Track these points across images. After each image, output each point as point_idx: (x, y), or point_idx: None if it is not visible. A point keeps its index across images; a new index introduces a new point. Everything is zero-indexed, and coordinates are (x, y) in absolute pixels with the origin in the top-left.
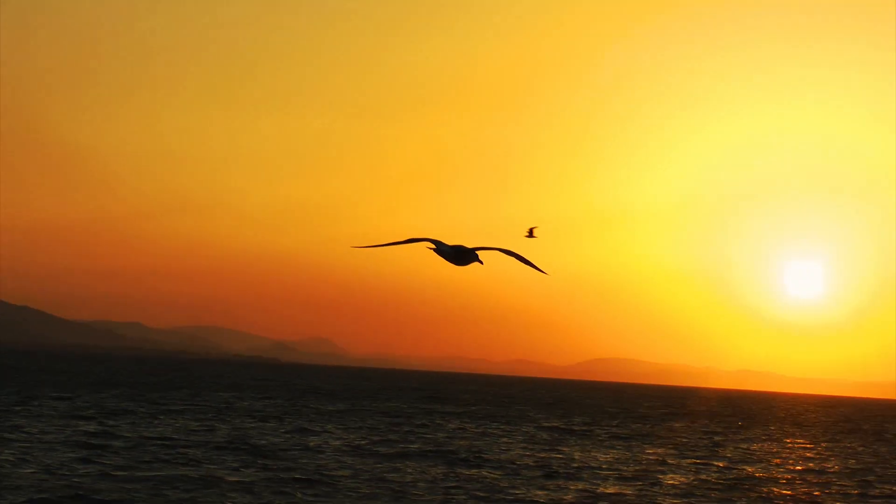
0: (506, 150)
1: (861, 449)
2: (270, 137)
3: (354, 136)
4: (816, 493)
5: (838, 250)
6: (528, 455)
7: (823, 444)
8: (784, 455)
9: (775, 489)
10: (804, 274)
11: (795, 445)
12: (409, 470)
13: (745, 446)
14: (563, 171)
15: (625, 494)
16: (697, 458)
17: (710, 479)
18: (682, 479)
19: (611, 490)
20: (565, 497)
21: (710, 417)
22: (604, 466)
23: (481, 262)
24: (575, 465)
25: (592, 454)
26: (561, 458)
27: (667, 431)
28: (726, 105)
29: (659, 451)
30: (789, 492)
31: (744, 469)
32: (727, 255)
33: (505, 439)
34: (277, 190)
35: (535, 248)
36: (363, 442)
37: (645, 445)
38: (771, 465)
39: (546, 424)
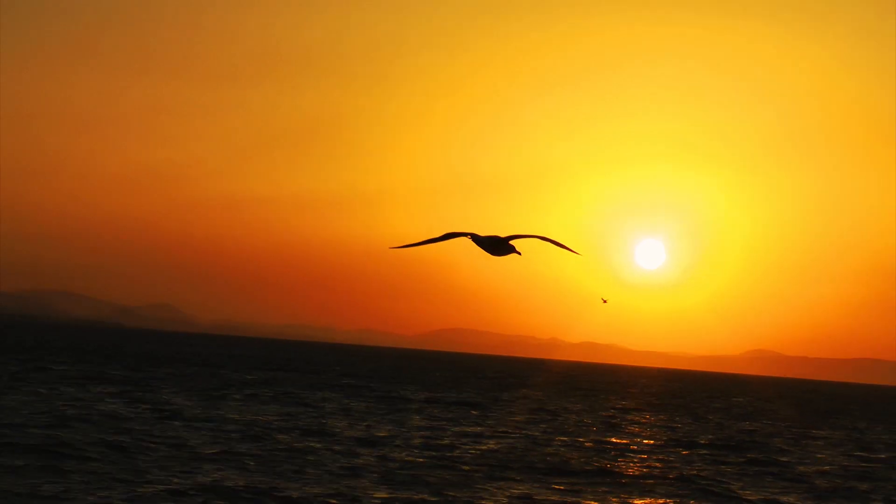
0: (356, 118)
1: (653, 420)
2: (122, 101)
3: (203, 103)
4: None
5: (685, 225)
6: (339, 425)
7: (629, 417)
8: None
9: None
10: (651, 247)
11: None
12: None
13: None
14: (413, 137)
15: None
16: (501, 428)
17: (518, 446)
18: (489, 447)
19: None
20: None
21: (543, 388)
22: (410, 434)
23: (518, 254)
24: (381, 433)
25: (398, 422)
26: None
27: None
28: (551, 76)
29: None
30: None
31: (529, 434)
32: (575, 225)
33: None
34: (127, 154)
35: (383, 214)
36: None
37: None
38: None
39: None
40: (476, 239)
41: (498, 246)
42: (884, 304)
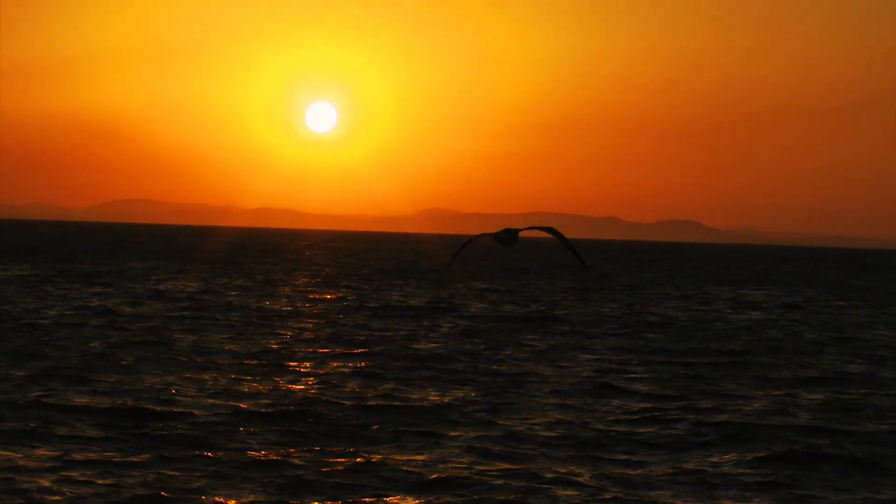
0: None
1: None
2: None
3: None
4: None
5: (354, 88)
6: None
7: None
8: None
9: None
10: (322, 110)
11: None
12: None
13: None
14: (69, 8)
15: None
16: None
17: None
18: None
19: None
20: None
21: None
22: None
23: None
24: None
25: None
26: None
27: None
28: None
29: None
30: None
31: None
32: (238, 94)
33: None
34: None
35: (45, 85)
36: None
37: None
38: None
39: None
40: (495, 237)
41: (511, 238)
42: (551, 158)
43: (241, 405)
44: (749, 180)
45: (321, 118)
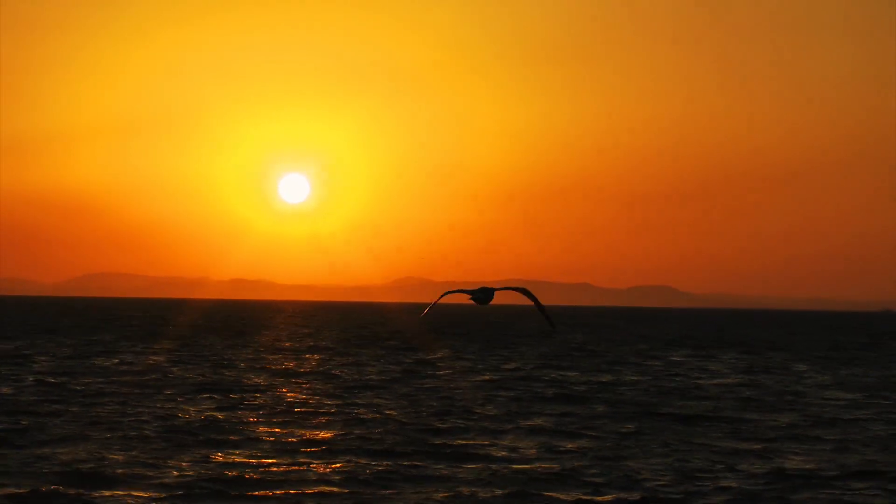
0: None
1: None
2: None
3: None
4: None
5: (327, 160)
6: None
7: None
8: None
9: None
10: (295, 182)
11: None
12: None
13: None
14: (37, 83)
15: None
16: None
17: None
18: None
19: None
20: None
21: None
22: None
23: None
24: None
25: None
26: None
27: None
28: (196, 16)
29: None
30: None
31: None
32: (211, 167)
33: None
34: None
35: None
36: None
37: None
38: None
39: None
40: (472, 295)
41: (487, 296)
42: (524, 226)
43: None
44: (724, 245)
45: (294, 189)
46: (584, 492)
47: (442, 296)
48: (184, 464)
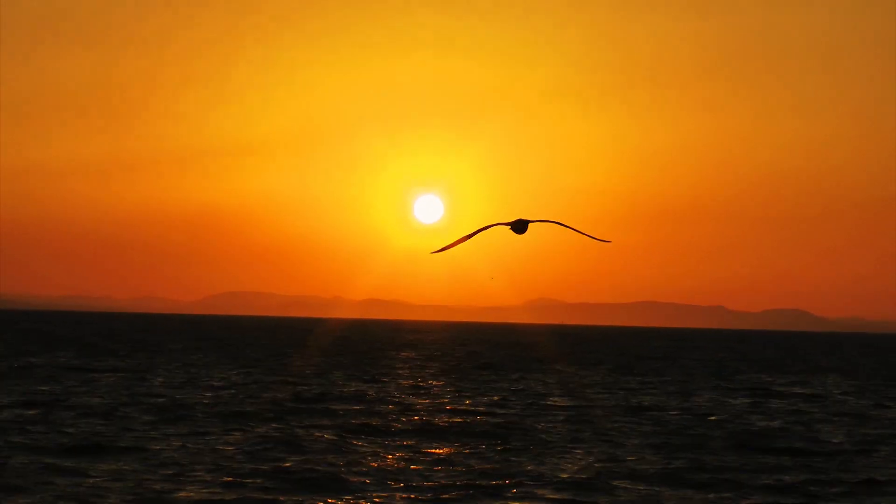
0: (122, 84)
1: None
2: None
3: None
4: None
5: (459, 180)
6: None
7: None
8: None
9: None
10: (429, 202)
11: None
12: None
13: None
14: (182, 100)
15: None
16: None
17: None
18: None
19: None
20: None
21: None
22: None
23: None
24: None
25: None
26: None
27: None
28: (326, 33)
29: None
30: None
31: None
32: (346, 186)
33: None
34: None
35: (157, 180)
36: None
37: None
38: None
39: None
40: (510, 225)
41: (523, 227)
42: (656, 247)
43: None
44: (861, 268)
45: (428, 209)
46: None
47: (479, 230)
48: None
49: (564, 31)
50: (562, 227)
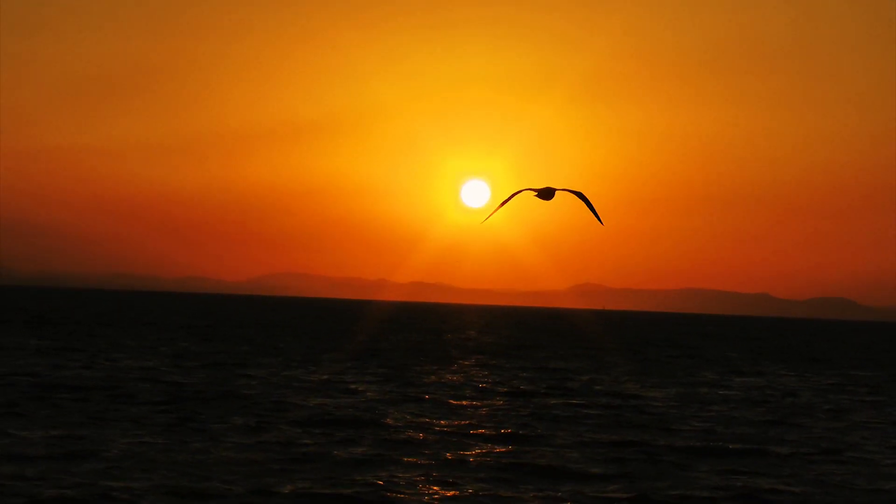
0: (178, 65)
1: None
2: None
3: (13, 52)
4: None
5: (507, 164)
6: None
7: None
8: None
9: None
10: (476, 186)
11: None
12: None
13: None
14: (235, 82)
15: None
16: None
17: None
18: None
19: None
20: None
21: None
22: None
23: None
24: None
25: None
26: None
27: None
28: (375, 16)
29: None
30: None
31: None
32: (393, 169)
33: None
34: None
35: (205, 161)
36: None
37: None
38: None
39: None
40: (537, 192)
41: (550, 194)
42: (701, 234)
43: None
44: None
45: (475, 193)
46: None
47: (512, 196)
48: None
49: (608, 20)
50: (580, 200)
